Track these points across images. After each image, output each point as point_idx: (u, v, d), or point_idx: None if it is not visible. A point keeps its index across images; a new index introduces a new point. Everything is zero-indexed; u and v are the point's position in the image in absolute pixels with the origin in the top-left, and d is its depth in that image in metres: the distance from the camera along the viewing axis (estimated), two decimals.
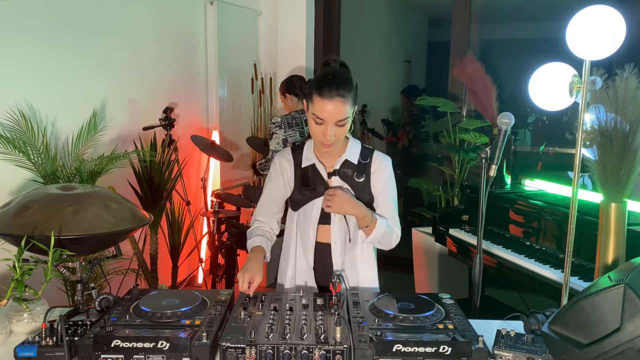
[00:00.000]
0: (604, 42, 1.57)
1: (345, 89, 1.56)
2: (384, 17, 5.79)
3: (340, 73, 1.62)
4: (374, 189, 1.73)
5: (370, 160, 1.73)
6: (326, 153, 1.73)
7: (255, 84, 4.16)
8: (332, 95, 1.54)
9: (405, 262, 3.93)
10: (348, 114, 1.58)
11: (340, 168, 1.72)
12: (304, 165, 1.74)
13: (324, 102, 1.55)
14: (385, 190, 1.73)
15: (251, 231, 1.82)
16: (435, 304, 1.51)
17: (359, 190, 1.71)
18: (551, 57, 1.82)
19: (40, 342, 1.30)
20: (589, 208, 2.17)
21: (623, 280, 1.09)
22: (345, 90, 1.56)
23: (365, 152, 1.74)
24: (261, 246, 1.74)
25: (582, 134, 1.65)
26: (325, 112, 1.56)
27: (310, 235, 1.76)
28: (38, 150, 2.46)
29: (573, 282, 2.08)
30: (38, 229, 1.43)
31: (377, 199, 1.73)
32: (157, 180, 3.11)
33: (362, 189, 1.71)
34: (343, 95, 1.55)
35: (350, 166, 1.72)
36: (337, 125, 1.58)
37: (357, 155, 1.73)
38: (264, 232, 1.81)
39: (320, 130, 1.60)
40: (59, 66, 2.75)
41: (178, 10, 3.61)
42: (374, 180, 1.72)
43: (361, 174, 1.71)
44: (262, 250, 1.74)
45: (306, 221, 1.76)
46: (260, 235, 1.78)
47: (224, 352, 1.25)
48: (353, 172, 1.71)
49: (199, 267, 3.78)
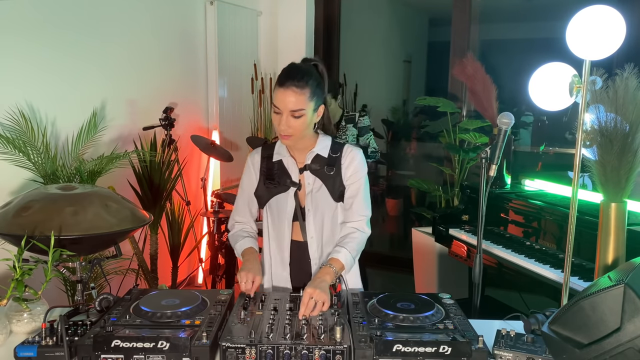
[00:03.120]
0: (604, 42, 1.57)
1: (301, 80, 1.58)
2: (384, 17, 5.79)
3: (301, 66, 1.64)
4: (346, 180, 1.73)
5: (340, 153, 1.74)
6: (298, 148, 1.74)
7: (255, 84, 4.16)
8: (287, 84, 1.57)
9: (405, 262, 3.93)
10: (303, 106, 1.59)
11: (311, 163, 1.73)
12: (274, 159, 1.77)
13: (279, 91, 1.59)
14: (356, 181, 1.73)
15: (234, 234, 1.83)
16: (435, 304, 1.51)
17: (331, 182, 1.72)
18: (551, 57, 1.82)
19: (40, 342, 1.30)
20: (589, 208, 2.17)
21: (623, 280, 1.09)
22: (301, 81, 1.58)
23: (335, 146, 1.76)
24: (252, 247, 1.77)
25: (582, 134, 1.65)
26: (280, 101, 1.59)
27: (286, 233, 1.76)
28: (38, 150, 2.46)
29: (573, 282, 2.08)
30: (38, 229, 1.43)
31: (349, 190, 1.73)
32: (157, 180, 3.11)
33: (333, 181, 1.72)
34: (298, 86, 1.57)
35: (321, 160, 1.73)
36: (292, 116, 1.59)
37: (327, 149, 1.74)
38: (248, 233, 1.83)
39: (277, 120, 1.62)
40: (59, 66, 2.75)
41: (178, 10, 3.61)
42: (345, 173, 1.73)
43: (331, 167, 1.72)
44: (255, 251, 1.76)
45: (280, 218, 1.76)
46: (247, 237, 1.80)
47: (224, 352, 1.25)
48: (323, 165, 1.72)
49: (199, 267, 3.78)
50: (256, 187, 1.78)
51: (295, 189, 1.73)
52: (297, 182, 1.73)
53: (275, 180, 1.74)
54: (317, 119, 1.68)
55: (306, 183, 1.74)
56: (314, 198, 1.73)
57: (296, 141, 1.68)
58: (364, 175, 1.74)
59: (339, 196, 1.73)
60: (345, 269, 1.67)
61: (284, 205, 1.74)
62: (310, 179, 1.73)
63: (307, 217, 1.74)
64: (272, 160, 1.77)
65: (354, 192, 1.73)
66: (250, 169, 1.80)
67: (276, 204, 1.76)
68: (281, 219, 1.76)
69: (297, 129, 1.62)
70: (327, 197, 1.73)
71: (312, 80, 1.61)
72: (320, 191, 1.72)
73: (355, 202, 1.73)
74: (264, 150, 1.80)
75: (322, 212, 1.74)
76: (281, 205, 1.75)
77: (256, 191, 1.78)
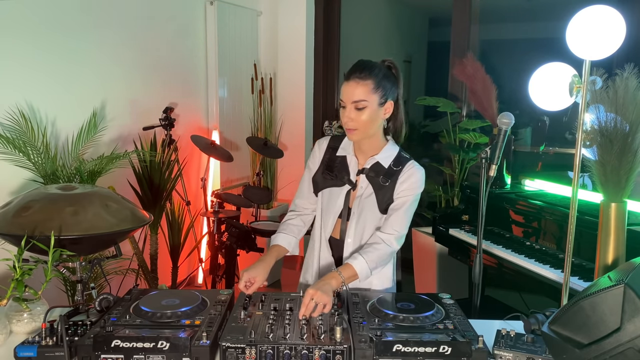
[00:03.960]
0: (604, 42, 1.57)
1: (364, 72, 1.59)
2: (384, 17, 5.79)
3: (365, 60, 1.65)
4: (397, 195, 1.69)
5: (401, 167, 1.70)
6: (362, 150, 1.74)
7: (255, 84, 4.16)
8: (351, 76, 1.60)
9: (405, 262, 3.92)
10: (366, 97, 1.59)
11: (369, 168, 1.72)
12: (338, 153, 1.78)
13: (344, 85, 1.62)
14: (405, 196, 1.69)
15: (281, 225, 1.85)
16: (435, 304, 1.51)
17: (382, 193, 1.70)
18: (551, 57, 1.82)
19: (40, 342, 1.30)
20: (589, 208, 2.17)
21: (623, 280, 1.09)
22: (364, 72, 1.59)
23: (400, 159, 1.72)
24: (279, 245, 1.77)
25: (582, 134, 1.64)
26: (344, 93, 1.61)
27: (329, 226, 1.77)
28: (38, 150, 2.46)
29: (573, 282, 2.08)
30: (38, 229, 1.43)
31: (395, 202, 1.70)
32: (157, 180, 3.11)
33: (384, 192, 1.70)
34: (361, 77, 1.59)
35: (380, 169, 1.71)
36: (356, 108, 1.60)
37: (389, 159, 1.71)
38: (290, 229, 1.82)
39: (343, 114, 1.63)
40: (59, 66, 2.75)
41: (178, 10, 3.61)
42: (399, 187, 1.69)
43: (387, 179, 1.70)
44: (279, 250, 1.77)
45: (327, 211, 1.77)
46: (284, 233, 1.80)
47: (224, 352, 1.25)
48: (380, 174, 1.70)
49: (199, 267, 3.78)
50: (316, 171, 1.80)
51: (350, 187, 1.73)
52: (354, 181, 1.73)
53: (333, 173, 1.76)
54: (384, 115, 1.66)
55: (359, 186, 1.73)
56: (362, 203, 1.72)
57: (362, 137, 1.67)
58: (415, 194, 1.70)
59: (385, 209, 1.71)
60: (359, 278, 1.63)
61: (335, 199, 1.75)
62: (364, 184, 1.73)
63: (351, 220, 1.73)
64: (336, 153, 1.78)
65: (398, 206, 1.69)
66: (316, 153, 1.82)
67: (328, 196, 1.77)
68: (328, 212, 1.76)
69: (361, 123, 1.61)
70: (374, 206, 1.71)
71: (377, 71, 1.61)
72: (369, 198, 1.71)
73: (394, 215, 1.69)
74: (332, 140, 1.81)
75: (365, 219, 1.72)
76: (332, 198, 1.75)
77: (314, 176, 1.80)
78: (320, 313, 1.44)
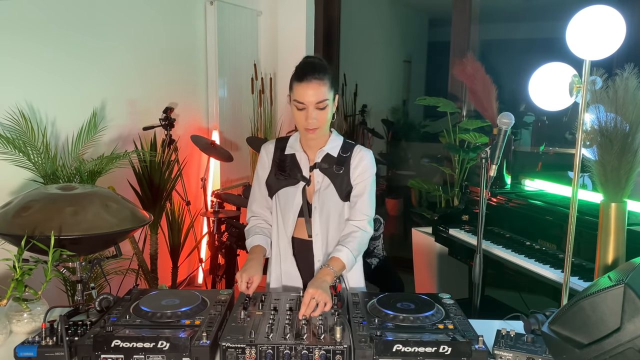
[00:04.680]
0: (604, 42, 1.57)
1: (321, 72, 1.62)
2: (384, 17, 5.79)
3: (315, 60, 1.68)
4: (353, 180, 1.75)
5: (350, 153, 1.76)
6: (310, 145, 1.76)
7: (255, 84, 4.16)
8: (309, 78, 1.61)
9: (405, 262, 3.93)
10: (327, 96, 1.62)
11: (321, 162, 1.75)
12: (286, 152, 1.79)
13: (302, 86, 1.61)
14: (362, 181, 1.75)
15: (249, 229, 1.85)
16: (435, 304, 1.51)
17: (339, 181, 1.74)
18: (551, 57, 1.82)
19: (40, 342, 1.30)
20: (589, 208, 2.17)
21: (623, 280, 1.09)
22: (321, 73, 1.62)
23: (346, 146, 1.78)
24: (260, 245, 1.77)
25: (582, 134, 1.64)
26: (305, 95, 1.61)
27: (289, 227, 1.77)
28: (38, 150, 2.46)
29: (573, 282, 2.08)
30: (38, 229, 1.43)
31: (355, 189, 1.75)
32: (157, 180, 3.11)
33: (341, 180, 1.74)
34: (320, 78, 1.61)
35: (330, 159, 1.75)
36: (318, 109, 1.62)
37: (337, 148, 1.76)
38: (261, 229, 1.83)
39: (303, 116, 1.64)
40: (59, 66, 2.75)
41: (178, 10, 3.60)
42: (353, 172, 1.74)
43: (340, 167, 1.74)
44: (262, 249, 1.77)
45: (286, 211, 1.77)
46: (258, 234, 1.80)
47: (224, 352, 1.26)
48: (332, 164, 1.74)
49: (199, 267, 3.78)
50: (267, 176, 1.80)
51: (304, 184, 1.74)
52: (307, 177, 1.75)
53: (286, 172, 1.77)
54: (334, 110, 1.70)
55: (315, 181, 1.76)
56: (322, 196, 1.74)
57: (321, 135, 1.70)
58: (371, 175, 1.76)
59: (345, 195, 1.74)
60: (347, 268, 1.68)
61: (292, 198, 1.76)
62: (319, 177, 1.75)
63: (314, 215, 1.75)
64: (284, 153, 1.79)
65: (360, 192, 1.74)
66: (263, 157, 1.83)
67: (284, 197, 1.77)
68: (287, 213, 1.77)
69: (323, 121, 1.65)
70: (335, 195, 1.74)
71: (326, 69, 1.65)
72: (327, 189, 1.74)
73: (360, 201, 1.74)
74: (278, 142, 1.83)
75: (329, 210, 1.75)
76: (289, 198, 1.76)
77: (267, 180, 1.81)
78: (321, 312, 1.44)
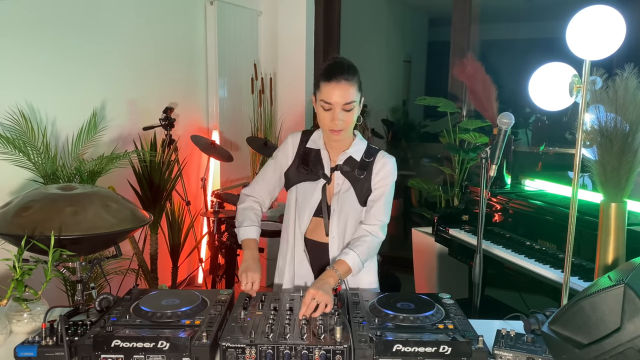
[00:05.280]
0: (604, 42, 1.57)
1: (350, 73, 1.60)
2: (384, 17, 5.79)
3: (344, 60, 1.65)
4: (374, 185, 1.73)
5: (374, 159, 1.73)
6: (333, 146, 1.73)
7: (255, 84, 4.16)
8: (339, 78, 1.58)
9: (405, 262, 3.93)
10: (354, 97, 1.60)
11: (343, 164, 1.73)
12: (310, 146, 1.76)
13: (330, 85, 1.59)
14: (382, 187, 1.73)
15: (244, 210, 1.78)
16: (435, 304, 1.51)
17: (359, 186, 1.72)
18: (551, 57, 1.82)
19: (40, 342, 1.30)
20: (589, 208, 2.17)
21: (623, 280, 1.09)
22: (349, 74, 1.59)
23: (370, 150, 1.76)
24: (254, 240, 1.74)
25: (582, 134, 1.65)
26: (333, 96, 1.58)
27: (303, 224, 1.74)
28: (38, 150, 2.46)
29: (573, 282, 2.08)
30: (38, 229, 1.43)
31: (373, 193, 1.73)
32: (157, 180, 3.11)
33: (362, 185, 1.72)
34: (348, 79, 1.58)
35: (353, 163, 1.73)
36: (345, 110, 1.60)
37: (361, 152, 1.74)
38: (256, 216, 1.77)
39: (329, 116, 1.61)
40: (59, 66, 2.75)
41: (178, 10, 3.60)
42: (375, 178, 1.73)
43: (362, 171, 1.72)
44: (256, 243, 1.74)
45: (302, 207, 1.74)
46: (253, 225, 1.75)
47: (224, 352, 1.25)
48: (354, 168, 1.72)
49: (199, 267, 3.78)
50: (289, 166, 1.77)
51: (325, 182, 1.72)
52: (329, 176, 1.73)
53: (309, 167, 1.74)
54: (359, 112, 1.68)
55: (335, 183, 1.73)
56: (341, 199, 1.72)
57: (344, 136, 1.68)
58: (391, 183, 1.74)
59: (364, 201, 1.72)
60: (353, 272, 1.66)
61: (310, 194, 1.73)
62: (339, 180, 1.73)
63: (332, 217, 1.73)
64: (309, 147, 1.76)
65: (377, 196, 1.72)
66: (288, 146, 1.78)
67: (303, 192, 1.75)
68: (303, 208, 1.75)
69: (349, 123, 1.63)
70: (354, 200, 1.72)
71: (355, 70, 1.63)
72: (347, 193, 1.72)
73: (375, 206, 1.72)
74: (304, 134, 1.79)
75: (347, 214, 1.73)
76: (307, 194, 1.74)
77: (287, 170, 1.77)
78: (321, 313, 1.44)
